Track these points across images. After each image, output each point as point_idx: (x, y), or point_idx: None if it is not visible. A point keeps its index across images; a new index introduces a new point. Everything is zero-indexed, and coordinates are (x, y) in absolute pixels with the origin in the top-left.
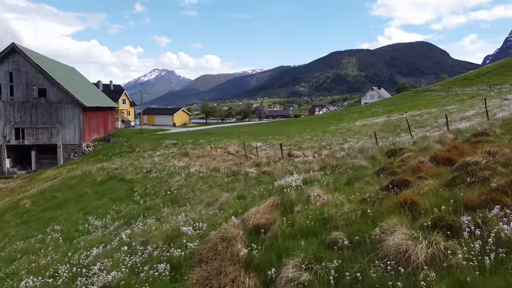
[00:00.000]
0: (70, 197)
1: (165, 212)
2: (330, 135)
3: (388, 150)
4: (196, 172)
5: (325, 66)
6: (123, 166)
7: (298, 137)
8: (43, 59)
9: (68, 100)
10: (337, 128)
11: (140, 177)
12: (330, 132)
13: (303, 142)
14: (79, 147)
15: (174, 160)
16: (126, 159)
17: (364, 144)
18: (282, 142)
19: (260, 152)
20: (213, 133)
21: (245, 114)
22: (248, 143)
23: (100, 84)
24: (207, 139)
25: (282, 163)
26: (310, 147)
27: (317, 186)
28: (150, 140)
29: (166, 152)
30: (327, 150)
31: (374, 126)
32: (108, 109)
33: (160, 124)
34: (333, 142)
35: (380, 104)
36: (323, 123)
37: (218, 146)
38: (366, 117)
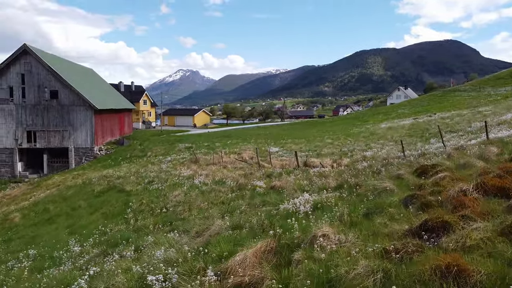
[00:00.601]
0: (62, 211)
1: (149, 240)
2: (353, 140)
3: (418, 167)
4: (200, 184)
5: (350, 65)
6: (127, 174)
7: (319, 141)
8: (56, 61)
9: (80, 103)
10: (360, 131)
11: (140, 189)
12: (353, 135)
13: (323, 147)
14: (90, 150)
15: (181, 167)
16: (133, 165)
17: (388, 153)
18: (301, 147)
19: (275, 159)
20: (231, 135)
21: (266, 115)
22: (264, 148)
23: (122, 85)
24: (224, 142)
25: (295, 175)
26: (330, 154)
27: (327, 222)
28: (165, 143)
29: (176, 158)
30: (348, 158)
31: (400, 130)
32: (125, 110)
33: (181, 125)
34: (355, 148)
35: (407, 105)
36: (346, 125)
37: (232, 150)
38: (392, 118)
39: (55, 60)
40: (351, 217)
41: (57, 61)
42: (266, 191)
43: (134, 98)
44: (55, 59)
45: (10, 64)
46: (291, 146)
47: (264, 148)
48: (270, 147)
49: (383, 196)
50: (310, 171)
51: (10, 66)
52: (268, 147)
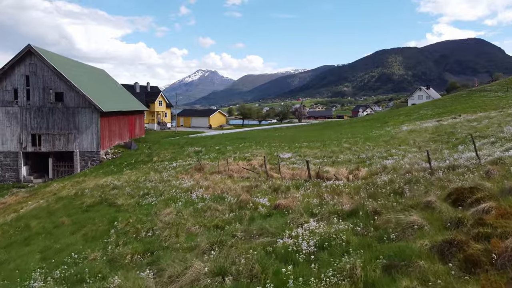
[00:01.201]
0: (44, 228)
1: (115, 282)
2: (372, 144)
3: (452, 191)
4: (198, 199)
5: (370, 65)
6: (124, 184)
7: (335, 145)
8: (63, 61)
9: (86, 105)
10: (380, 134)
11: (132, 203)
12: (372, 139)
13: (340, 153)
14: (96, 154)
15: (184, 176)
16: (135, 172)
17: (412, 163)
18: (316, 152)
19: (285, 167)
20: (245, 137)
21: (283, 115)
22: (277, 153)
23: (137, 86)
24: (236, 145)
25: (305, 190)
26: (346, 161)
27: (333, 282)
28: (175, 147)
29: (182, 164)
30: (366, 167)
31: (423, 133)
32: (136, 112)
33: (196, 126)
34: (374, 154)
35: (429, 105)
36: (366, 127)
37: (243, 156)
38: (414, 120)
39: (61, 60)
40: (366, 271)
41: (64, 62)
42: (268, 211)
43: (149, 99)
44: (61, 60)
45: (15, 65)
46: (305, 151)
47: (276, 153)
48: (283, 153)
49: (409, 235)
50: (322, 185)
51: (15, 68)
52: (280, 153)
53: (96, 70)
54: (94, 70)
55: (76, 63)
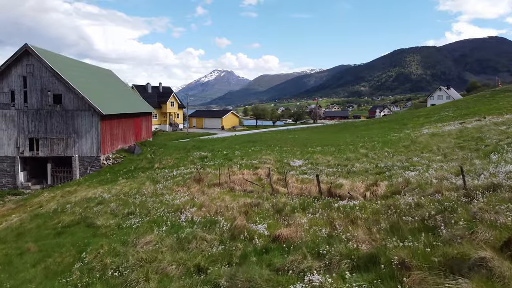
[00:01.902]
0: (6, 256)
1: None
2: (391, 150)
3: (509, 238)
4: (186, 222)
5: (388, 64)
6: (112, 198)
7: (351, 152)
8: (64, 61)
9: (85, 107)
10: (399, 137)
11: (112, 224)
12: (391, 144)
13: (356, 160)
14: (96, 160)
15: (180, 189)
16: (130, 182)
17: (440, 179)
18: (329, 160)
19: (294, 178)
20: (256, 140)
21: (298, 116)
22: (287, 160)
23: (149, 86)
24: (245, 149)
25: (313, 213)
26: (363, 171)
27: None
28: (180, 151)
29: (183, 172)
30: (386, 180)
31: (447, 138)
32: (143, 114)
33: (208, 127)
34: (395, 164)
35: (451, 106)
36: (383, 129)
37: (250, 163)
38: (434, 122)
39: (61, 61)
40: None
41: (65, 62)
42: (266, 244)
43: (161, 100)
44: (61, 60)
45: (12, 66)
46: (318, 158)
47: (286, 160)
48: (293, 160)
49: None
50: (333, 206)
51: (12, 68)
52: (291, 160)
53: (102, 70)
54: (100, 70)
55: (79, 64)
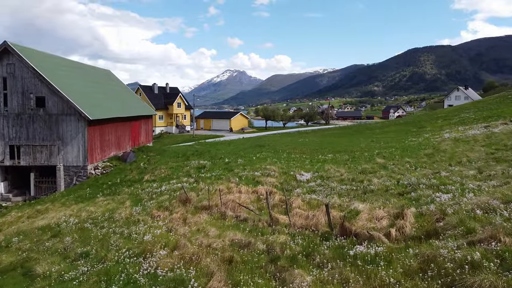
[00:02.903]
0: None
1: None
2: (412, 160)
3: None
4: (145, 278)
5: (401, 64)
6: (76, 226)
7: (366, 161)
8: (52, 61)
9: (71, 112)
10: (419, 143)
11: (54, 274)
12: (410, 151)
13: (373, 173)
14: (83, 169)
15: (160, 214)
16: (108, 202)
17: (486, 211)
18: (342, 173)
19: (299, 202)
20: (264, 145)
21: (309, 117)
22: (293, 172)
23: (155, 87)
24: (250, 157)
25: (320, 267)
26: (383, 190)
27: None
28: (178, 159)
29: (173, 188)
30: (413, 206)
31: (474, 145)
32: (142, 117)
33: (217, 128)
34: (420, 181)
35: (471, 107)
36: (400, 133)
37: (252, 174)
38: (455, 125)
39: (49, 60)
40: None
41: (53, 62)
42: None
43: (168, 101)
44: (49, 60)
45: None
46: (330, 169)
47: (293, 172)
48: (301, 172)
49: None
50: (348, 255)
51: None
52: (298, 173)
53: (99, 71)
54: (96, 71)
55: (71, 63)
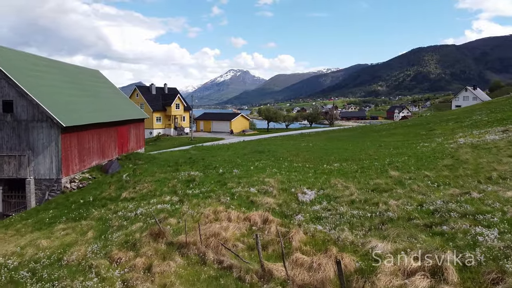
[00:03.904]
0: None
1: None
2: (432, 174)
3: None
4: None
5: (405, 63)
6: (11, 274)
7: (378, 174)
8: (27, 60)
9: (43, 117)
10: (433, 149)
11: None
12: (425, 159)
13: (389, 192)
14: (56, 183)
15: (121, 256)
16: (67, 231)
17: None
18: (352, 192)
19: (300, 236)
20: (264, 151)
21: (313, 118)
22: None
23: (153, 88)
24: (248, 165)
25: None
26: (404, 219)
27: None
28: (167, 169)
29: (150, 211)
30: (449, 249)
31: (498, 154)
32: (132, 121)
33: (217, 130)
34: (448, 203)
35: (482, 109)
36: (408, 136)
37: (246, 191)
38: (468, 128)
39: (23, 59)
40: None
41: (28, 61)
42: None
43: (166, 102)
44: (23, 58)
45: None
46: (336, 184)
47: (295, 188)
48: (303, 189)
49: None
50: None
51: None
52: (300, 191)
53: (85, 71)
54: (80, 71)
55: (51, 63)
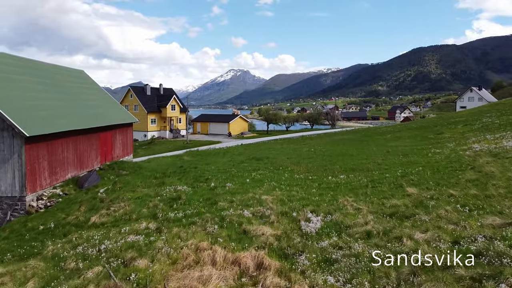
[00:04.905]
0: None
1: None
2: (458, 194)
3: None
4: None
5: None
6: None
7: (392, 193)
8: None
9: (3, 126)
10: (448, 158)
11: None
12: (444, 173)
13: (411, 221)
14: (20, 201)
15: None
16: (2, 279)
17: None
18: (367, 218)
19: None
20: (263, 157)
21: (314, 120)
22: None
23: (148, 88)
24: (244, 177)
25: None
26: (441, 269)
27: None
28: (153, 181)
29: (117, 246)
30: None
31: None
32: (118, 126)
33: (214, 133)
34: (496, 246)
35: (491, 110)
36: (416, 140)
37: (239, 214)
38: (479, 132)
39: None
40: None
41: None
42: None
43: (161, 103)
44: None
45: None
46: (346, 204)
47: (297, 212)
48: (307, 214)
49: None
50: None
51: None
52: (303, 218)
53: (67, 72)
54: (60, 72)
55: (24, 63)
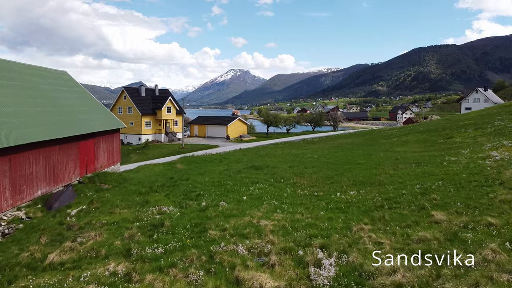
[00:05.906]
0: None
1: None
2: (497, 222)
3: None
4: None
5: (406, 63)
6: None
7: (416, 219)
8: None
9: None
10: (467, 169)
11: None
12: (468, 188)
13: (446, 262)
14: None
15: None
16: None
17: None
18: (393, 263)
19: None
20: (262, 166)
21: (316, 122)
22: (304, 251)
23: (142, 89)
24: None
25: None
26: None
27: None
28: (135, 200)
29: None
30: None
31: None
32: (101, 134)
33: (212, 135)
34: None
35: (501, 113)
36: (425, 145)
37: (232, 251)
38: (493, 136)
39: None
40: None
41: None
42: None
43: (156, 105)
44: None
45: None
46: (363, 235)
47: (303, 243)
48: (316, 253)
49: None
50: None
51: None
52: (310, 259)
53: (45, 74)
54: (38, 73)
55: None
